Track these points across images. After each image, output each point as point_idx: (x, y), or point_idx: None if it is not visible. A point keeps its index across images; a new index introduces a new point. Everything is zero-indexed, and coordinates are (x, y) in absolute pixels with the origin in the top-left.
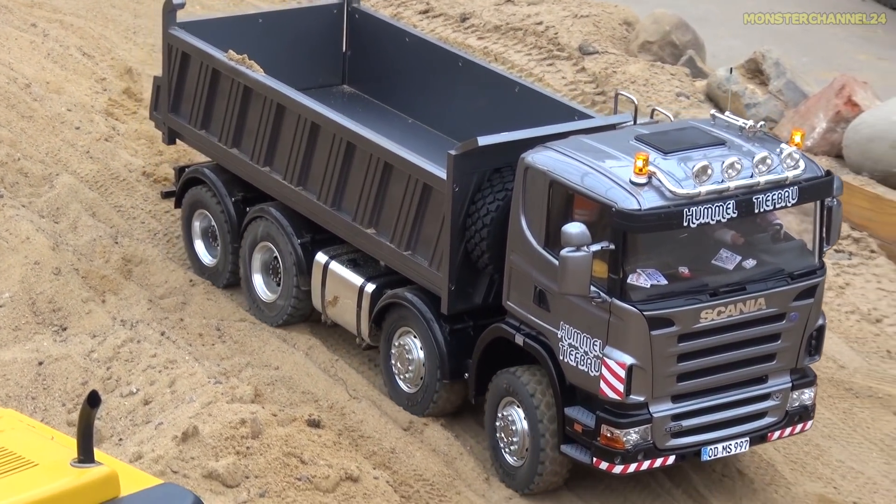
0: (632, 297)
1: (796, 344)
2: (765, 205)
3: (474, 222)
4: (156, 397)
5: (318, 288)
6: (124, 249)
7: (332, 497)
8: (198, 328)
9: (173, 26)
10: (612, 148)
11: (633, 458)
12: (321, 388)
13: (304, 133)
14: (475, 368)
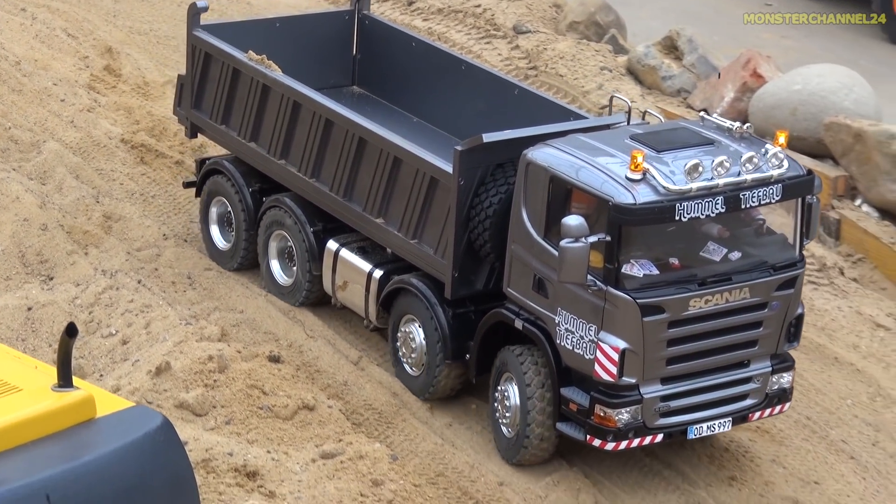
0: (626, 285)
1: (777, 331)
2: (751, 201)
3: (477, 213)
4: (133, 338)
5: (329, 273)
6: (105, 207)
7: (290, 424)
8: (170, 277)
9: (197, 28)
10: (609, 146)
11: (625, 436)
12: (281, 328)
13: (318, 128)
14: (476, 350)
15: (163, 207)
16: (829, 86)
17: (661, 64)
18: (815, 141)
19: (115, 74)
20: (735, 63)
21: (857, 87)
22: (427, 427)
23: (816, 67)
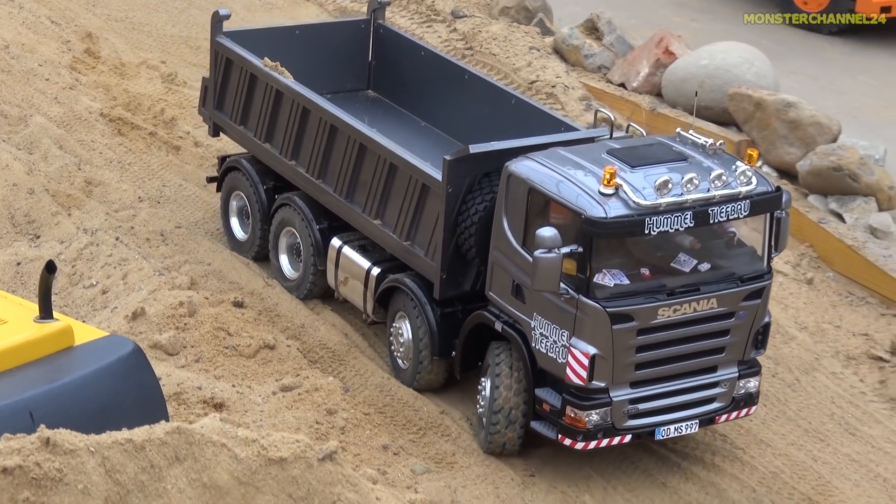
0: (596, 294)
1: (743, 339)
2: (719, 216)
3: (465, 219)
4: (111, 288)
5: (332, 269)
6: (85, 174)
7: (253, 361)
8: (145, 234)
9: (220, 35)
10: (586, 160)
11: (594, 437)
12: (244, 278)
13: (324, 133)
14: (461, 348)
15: (138, 173)
16: (733, 61)
17: (584, 44)
18: (721, 110)
19: (95, 56)
20: (649, 42)
21: (757, 62)
22: (375, 364)
23: (721, 45)
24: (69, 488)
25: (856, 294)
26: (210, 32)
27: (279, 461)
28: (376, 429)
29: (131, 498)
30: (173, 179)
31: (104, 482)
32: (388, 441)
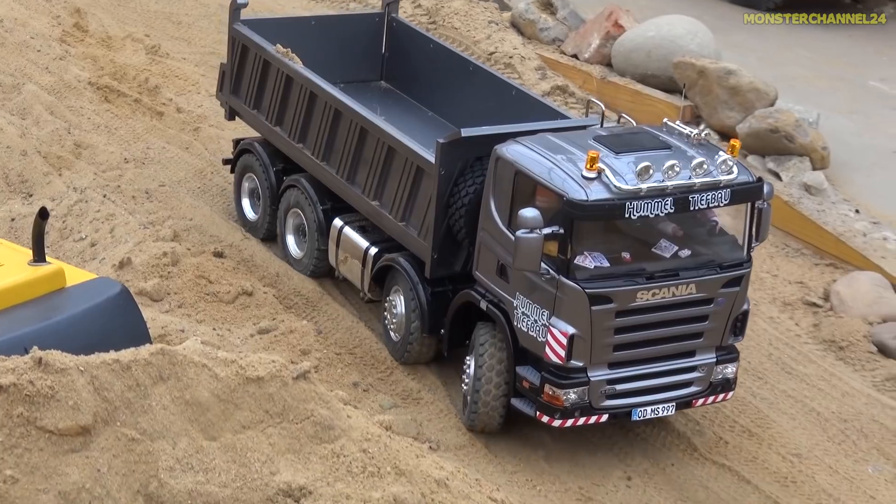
0: (576, 275)
1: (722, 325)
2: (699, 203)
3: (456, 202)
4: (100, 241)
5: (333, 248)
6: (75, 137)
7: (232, 306)
8: (131, 192)
9: (237, 22)
10: (572, 146)
11: (571, 415)
12: (223, 232)
13: (329, 117)
14: (449, 326)
15: (124, 137)
16: (677, 32)
17: (539, 18)
18: (667, 78)
19: (83, 30)
20: (599, 16)
21: (700, 34)
22: (345, 310)
23: (666, 18)
24: (60, 404)
25: (791, 246)
26: (228, 20)
27: (256, 380)
28: (347, 368)
29: (118, 414)
30: (157, 142)
31: (93, 399)
32: (358, 379)
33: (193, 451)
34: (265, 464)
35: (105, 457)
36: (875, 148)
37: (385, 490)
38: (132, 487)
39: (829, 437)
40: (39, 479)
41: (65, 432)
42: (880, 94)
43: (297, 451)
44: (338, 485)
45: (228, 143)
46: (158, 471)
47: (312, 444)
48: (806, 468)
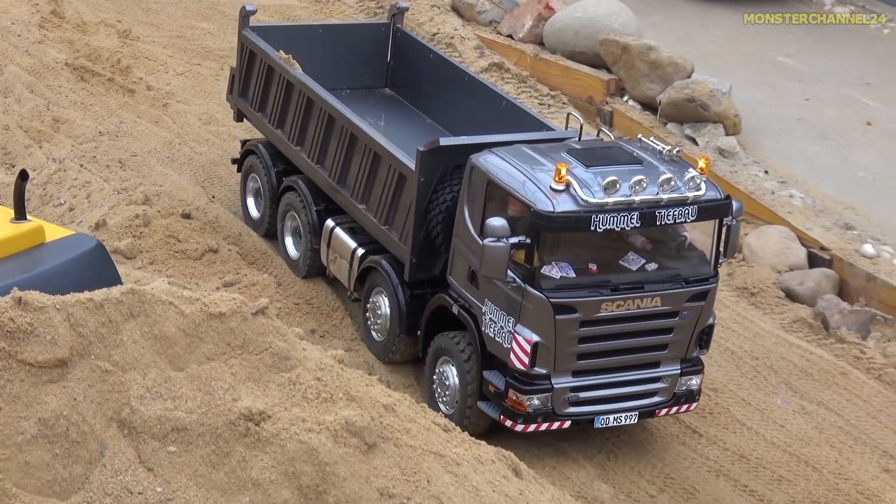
0: (542, 285)
1: (686, 338)
2: (666, 219)
3: (434, 208)
4: (77, 206)
5: (324, 248)
6: (53, 113)
7: (199, 263)
8: (105, 162)
9: (246, 28)
10: (545, 158)
11: (534, 420)
12: (191, 196)
13: (322, 121)
14: (423, 329)
15: (99, 112)
16: (602, 12)
17: (477, 2)
18: (594, 54)
19: (60, 17)
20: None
21: (622, 14)
22: None
23: (592, 1)
24: (39, 339)
25: None
26: (238, 26)
27: (219, 315)
28: (305, 316)
29: (93, 348)
30: (129, 117)
31: (69, 334)
32: (315, 326)
33: (162, 380)
34: (228, 391)
35: (81, 387)
36: (781, 116)
37: (337, 414)
38: (106, 414)
39: (742, 374)
40: (21, 408)
41: (43, 364)
42: (786, 68)
43: (256, 379)
44: (294, 409)
45: (195, 117)
46: (130, 399)
47: (270, 373)
48: (722, 401)
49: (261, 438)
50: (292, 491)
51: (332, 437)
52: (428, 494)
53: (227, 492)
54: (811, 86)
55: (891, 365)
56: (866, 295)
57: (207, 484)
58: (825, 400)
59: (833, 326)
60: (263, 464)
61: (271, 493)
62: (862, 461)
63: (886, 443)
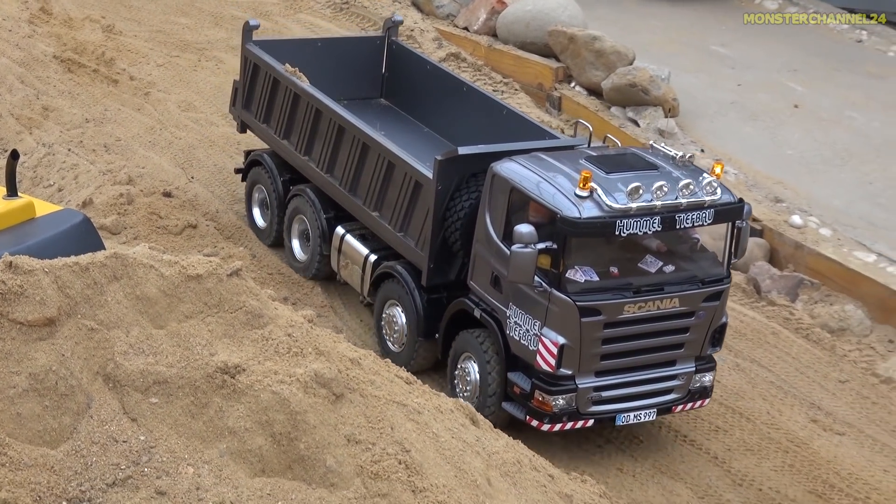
0: (568, 289)
1: (701, 337)
2: (685, 222)
3: (452, 215)
4: (66, 186)
5: (335, 254)
6: (43, 102)
7: (180, 237)
8: (92, 146)
9: (249, 42)
10: (565, 165)
11: (559, 420)
12: (171, 177)
13: (333, 132)
14: (443, 332)
15: (85, 101)
16: (550, 6)
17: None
18: (543, 44)
19: (48, 13)
20: None
21: (569, 7)
22: None
23: None
24: (29, 300)
25: None
26: (241, 40)
27: (196, 277)
28: (278, 286)
29: (79, 308)
30: (113, 105)
31: (57, 295)
32: (287, 294)
33: (144, 337)
34: (205, 347)
35: (68, 344)
36: (716, 100)
37: (307, 367)
38: (92, 369)
39: None
40: (12, 363)
41: (33, 323)
42: (720, 56)
43: (231, 335)
44: (267, 363)
45: (175, 105)
46: (114, 354)
47: (245, 329)
48: None
49: (236, 390)
50: (266, 438)
51: (303, 388)
52: (391, 440)
53: (206, 439)
54: (743, 72)
55: (817, 325)
56: (794, 262)
57: (187, 432)
58: (758, 357)
59: (764, 290)
60: (239, 413)
61: (246, 440)
62: (791, 412)
63: (813, 395)
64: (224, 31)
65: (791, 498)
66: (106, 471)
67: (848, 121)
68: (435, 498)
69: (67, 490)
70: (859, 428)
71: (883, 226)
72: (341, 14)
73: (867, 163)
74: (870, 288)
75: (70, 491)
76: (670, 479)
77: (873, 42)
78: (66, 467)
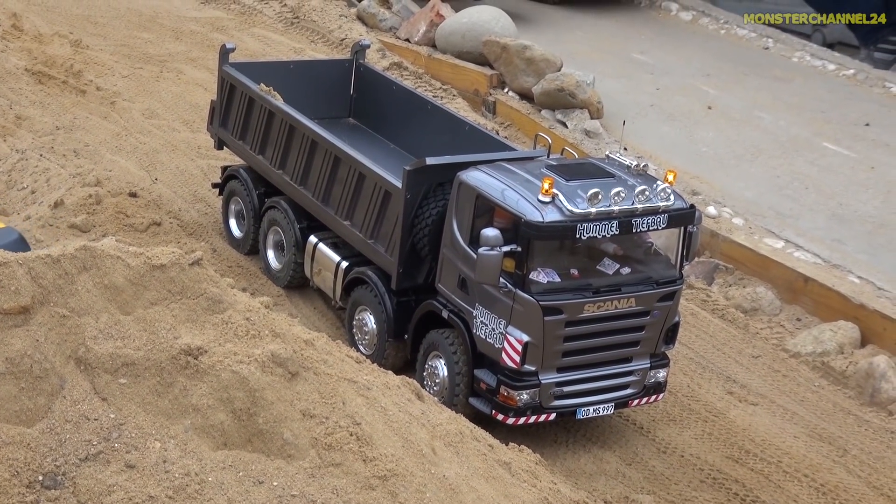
0: (531, 289)
1: (656, 335)
2: (641, 226)
3: (420, 222)
4: (38, 189)
5: (308, 261)
6: (15, 111)
7: (145, 234)
8: (62, 151)
9: (226, 64)
10: (527, 173)
11: (523, 413)
12: (136, 179)
13: (305, 146)
14: (412, 333)
15: (55, 110)
16: (485, 18)
17: (378, 11)
18: (478, 54)
19: (19, 30)
20: (425, 8)
21: (502, 19)
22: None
23: (476, 8)
24: (4, 290)
25: None
26: (217, 62)
27: (160, 266)
28: (237, 278)
29: (51, 296)
30: (81, 114)
31: (31, 285)
32: (246, 286)
33: (112, 323)
34: (169, 331)
35: (42, 330)
36: (637, 102)
37: (264, 348)
38: (65, 353)
39: None
40: None
41: (8, 311)
42: (640, 63)
43: (194, 320)
44: (227, 345)
45: (139, 112)
46: (85, 339)
47: (206, 314)
48: None
49: (199, 370)
50: (227, 414)
51: (261, 368)
52: (343, 414)
53: (172, 416)
54: (661, 77)
55: (731, 306)
56: (710, 249)
57: (154, 410)
58: (679, 336)
59: (684, 275)
60: (202, 391)
61: (209, 416)
62: (710, 385)
63: (729, 370)
64: (184, 45)
65: (710, 463)
66: (79, 447)
67: (757, 120)
68: (384, 466)
69: (43, 465)
70: (771, 399)
71: (789, 215)
72: (292, 27)
73: (774, 158)
74: (779, 271)
75: (46, 466)
76: (600, 448)
77: (778, 49)
78: (41, 444)
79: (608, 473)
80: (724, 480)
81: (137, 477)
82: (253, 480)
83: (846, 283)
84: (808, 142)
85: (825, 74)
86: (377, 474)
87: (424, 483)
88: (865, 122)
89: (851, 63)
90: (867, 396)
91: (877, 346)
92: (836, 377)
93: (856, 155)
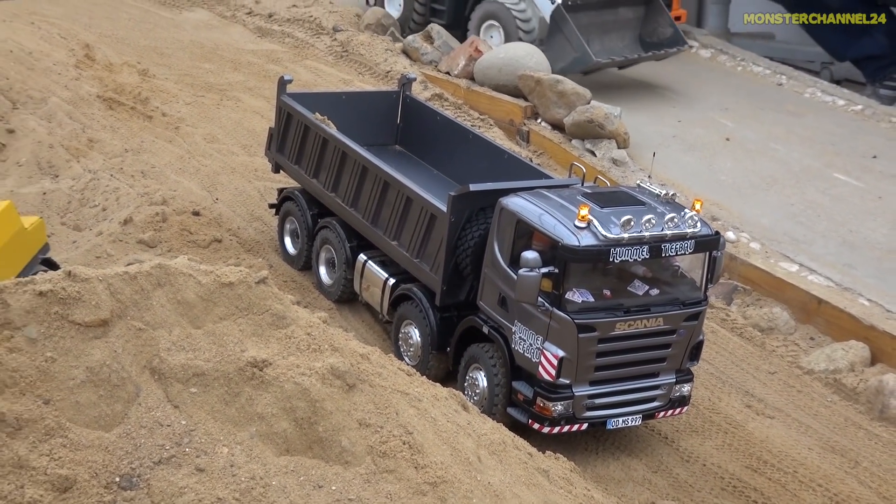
0: (567, 308)
1: (681, 352)
2: (669, 251)
3: (463, 243)
4: (109, 206)
5: (357, 278)
6: (88, 135)
7: (207, 250)
8: (131, 172)
9: (284, 94)
10: (565, 200)
11: (558, 423)
12: (199, 199)
13: (357, 171)
14: (454, 346)
15: (124, 134)
16: (520, 54)
17: (421, 46)
18: (514, 87)
19: (92, 59)
20: (465, 44)
21: (535, 55)
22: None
23: (511, 45)
24: (85, 304)
25: None
26: (276, 92)
27: (229, 284)
28: (292, 291)
29: (129, 311)
30: (148, 138)
31: (110, 300)
32: (300, 299)
33: (184, 336)
34: (237, 344)
35: (120, 342)
36: (660, 133)
37: (324, 361)
38: (140, 363)
39: None
40: (71, 359)
41: (89, 324)
42: (664, 96)
43: (259, 334)
44: (290, 358)
45: (201, 137)
46: (159, 351)
47: (271, 329)
48: None
49: (264, 381)
50: (290, 422)
51: (321, 380)
52: (396, 424)
53: (238, 423)
54: (683, 111)
55: (749, 325)
56: (729, 271)
57: (222, 417)
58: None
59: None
60: (266, 401)
61: (273, 424)
62: (730, 399)
63: (747, 385)
64: (242, 75)
65: (731, 472)
66: (153, 451)
67: (772, 152)
68: (434, 473)
69: (119, 467)
70: (786, 412)
71: (803, 240)
72: (341, 60)
73: (788, 187)
74: (793, 293)
75: (122, 468)
76: (628, 456)
77: (791, 85)
78: (118, 448)
79: (635, 480)
80: (743, 488)
81: (206, 480)
82: (313, 485)
83: (857, 306)
84: (819, 172)
85: (835, 109)
86: (428, 481)
87: (471, 489)
88: (873, 154)
89: (860, 99)
90: (877, 412)
91: (886, 365)
92: (847, 393)
93: (864, 185)
